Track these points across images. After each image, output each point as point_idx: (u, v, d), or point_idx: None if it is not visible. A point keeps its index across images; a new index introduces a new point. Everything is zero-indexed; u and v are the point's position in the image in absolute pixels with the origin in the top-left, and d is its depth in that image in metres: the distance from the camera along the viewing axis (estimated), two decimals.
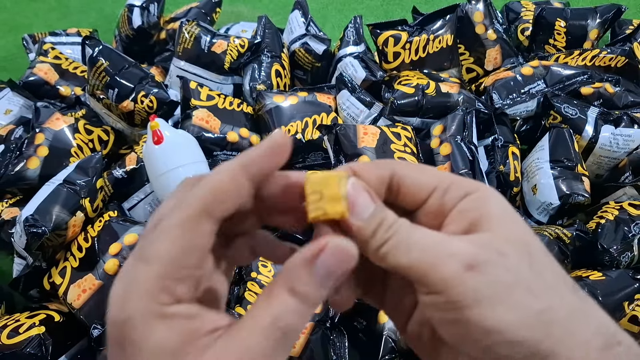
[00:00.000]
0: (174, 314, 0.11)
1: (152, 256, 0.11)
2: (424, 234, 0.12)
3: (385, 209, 0.13)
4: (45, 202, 0.43)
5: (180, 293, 0.11)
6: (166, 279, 0.11)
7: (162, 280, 0.11)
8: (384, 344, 0.37)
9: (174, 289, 0.11)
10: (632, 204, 0.45)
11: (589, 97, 0.54)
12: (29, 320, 0.39)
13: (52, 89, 0.61)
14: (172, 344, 0.11)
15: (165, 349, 0.11)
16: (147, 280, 0.11)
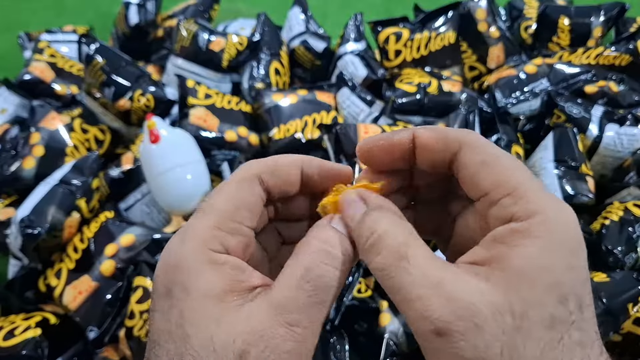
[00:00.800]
0: (224, 262, 0.12)
1: (209, 208, 0.12)
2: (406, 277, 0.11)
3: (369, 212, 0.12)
4: (41, 202, 0.42)
5: (230, 245, 0.12)
6: (219, 229, 0.12)
7: (215, 229, 0.12)
8: (385, 347, 0.37)
9: (225, 239, 0.12)
10: (637, 205, 0.45)
11: (593, 95, 0.53)
12: (24, 323, 0.39)
13: (47, 87, 0.60)
14: (218, 289, 0.11)
15: (210, 293, 0.11)
16: (202, 229, 0.12)
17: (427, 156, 0.13)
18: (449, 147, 0.12)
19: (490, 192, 0.11)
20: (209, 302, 0.11)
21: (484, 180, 0.11)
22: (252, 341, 0.11)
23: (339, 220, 0.13)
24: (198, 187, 0.44)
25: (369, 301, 0.39)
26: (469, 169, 0.12)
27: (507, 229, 0.11)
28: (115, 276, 0.40)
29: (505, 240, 0.11)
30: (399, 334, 0.38)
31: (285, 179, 0.13)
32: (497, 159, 0.11)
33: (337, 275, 0.12)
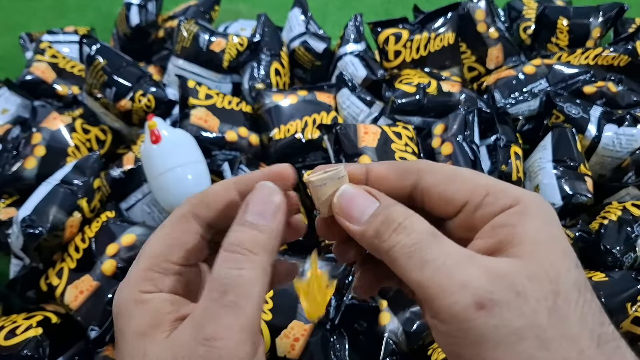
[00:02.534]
0: (150, 300, 0.12)
1: (143, 253, 0.13)
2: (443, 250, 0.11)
3: (393, 205, 0.12)
4: (43, 202, 0.42)
5: (165, 284, 0.12)
6: (150, 271, 0.12)
7: (147, 272, 0.12)
8: (385, 346, 0.37)
9: (158, 280, 0.12)
10: (635, 204, 0.45)
11: (591, 96, 0.54)
12: (26, 322, 0.39)
13: (49, 88, 0.61)
14: (143, 326, 0.12)
15: (138, 331, 0.12)
16: (134, 273, 0.13)
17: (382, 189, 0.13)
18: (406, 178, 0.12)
19: (469, 199, 0.12)
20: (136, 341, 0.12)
21: (458, 192, 0.12)
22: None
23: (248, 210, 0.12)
24: (199, 187, 0.44)
25: (368, 300, 0.39)
26: (437, 189, 0.12)
27: (505, 215, 0.11)
28: (116, 276, 0.40)
29: (508, 223, 0.11)
30: (399, 333, 0.38)
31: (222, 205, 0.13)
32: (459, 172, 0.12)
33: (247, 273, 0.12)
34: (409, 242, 0.11)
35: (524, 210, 0.11)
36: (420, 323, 0.38)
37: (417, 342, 0.38)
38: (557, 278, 0.10)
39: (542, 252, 0.11)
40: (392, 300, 0.40)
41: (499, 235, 0.11)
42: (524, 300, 0.10)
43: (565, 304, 0.10)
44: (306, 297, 0.14)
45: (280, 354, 0.36)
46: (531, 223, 0.11)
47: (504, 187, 0.12)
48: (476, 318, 0.10)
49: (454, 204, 0.12)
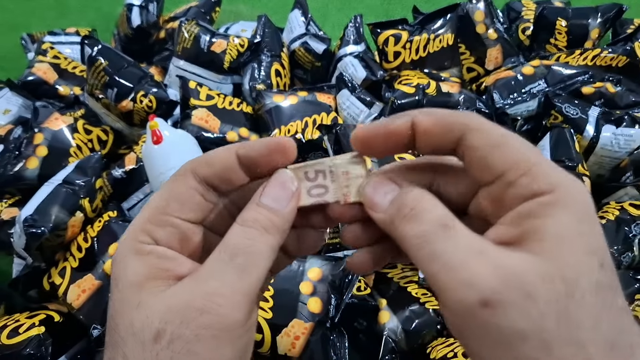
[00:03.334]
0: (149, 252, 0.12)
1: (144, 207, 0.13)
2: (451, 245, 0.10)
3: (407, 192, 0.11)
4: (45, 202, 0.43)
5: (159, 236, 0.12)
6: (148, 223, 0.12)
7: (145, 223, 0.12)
8: (384, 345, 0.37)
9: (153, 231, 0.12)
10: (633, 204, 0.45)
11: (590, 96, 0.54)
12: (28, 321, 0.39)
13: (50, 88, 0.61)
14: (140, 277, 0.12)
15: (133, 281, 0.12)
16: (134, 225, 0.13)
17: (428, 142, 0.12)
18: (451, 132, 0.11)
19: (505, 174, 0.11)
20: (131, 290, 0.12)
21: (497, 163, 0.11)
22: (169, 318, 0.11)
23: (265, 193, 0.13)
24: None
25: (368, 299, 0.39)
26: (478, 152, 0.11)
27: (534, 204, 0.10)
28: None
29: (535, 214, 0.10)
30: (398, 332, 0.38)
31: (221, 166, 0.13)
32: (506, 140, 0.11)
33: (258, 242, 0.12)
34: (418, 232, 0.11)
35: (556, 201, 0.10)
36: (419, 322, 0.38)
37: (417, 341, 0.38)
38: (573, 280, 0.10)
39: (563, 251, 0.10)
40: (392, 299, 0.40)
41: (523, 226, 0.10)
42: (533, 302, 0.09)
43: (577, 308, 0.09)
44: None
45: (281, 352, 0.36)
46: (559, 217, 0.10)
47: (546, 169, 0.10)
48: (480, 315, 0.10)
49: (490, 173, 0.11)
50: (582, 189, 0.10)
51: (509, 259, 0.10)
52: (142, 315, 0.11)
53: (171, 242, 0.13)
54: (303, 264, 0.39)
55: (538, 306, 0.09)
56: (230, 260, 0.12)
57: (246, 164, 0.13)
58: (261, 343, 0.36)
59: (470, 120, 0.11)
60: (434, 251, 0.10)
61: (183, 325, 0.11)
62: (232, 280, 0.11)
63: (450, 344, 0.37)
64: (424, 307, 0.39)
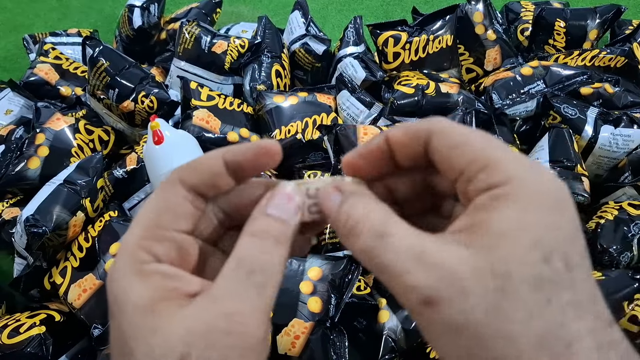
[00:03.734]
0: (151, 272, 0.12)
1: (134, 222, 0.12)
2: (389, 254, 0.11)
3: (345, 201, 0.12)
4: (46, 202, 0.43)
5: (159, 252, 0.12)
6: (144, 239, 0.12)
7: (141, 240, 0.12)
8: (384, 344, 0.37)
9: (152, 247, 0.12)
10: (632, 204, 0.45)
11: (588, 97, 0.54)
12: (29, 320, 0.40)
13: (52, 89, 0.61)
14: (145, 301, 0.11)
15: (139, 306, 0.11)
16: (128, 243, 0.12)
17: (403, 154, 0.13)
18: (418, 138, 0.12)
19: (465, 171, 0.11)
20: (142, 315, 0.11)
21: (457, 161, 0.11)
22: (192, 342, 0.11)
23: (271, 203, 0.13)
24: None
25: (368, 298, 0.39)
26: (441, 154, 0.12)
27: (486, 196, 0.11)
28: None
29: (485, 206, 0.10)
30: (398, 331, 0.38)
31: (208, 172, 0.13)
32: (467, 139, 0.11)
33: (272, 255, 0.12)
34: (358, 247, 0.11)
35: (507, 193, 0.10)
36: None
37: (416, 340, 0.38)
38: (505, 274, 0.10)
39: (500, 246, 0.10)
40: (392, 298, 0.40)
41: (475, 219, 0.11)
42: (466, 297, 0.10)
43: (509, 302, 0.10)
44: None
45: (281, 351, 0.36)
46: (507, 210, 0.10)
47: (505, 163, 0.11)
48: (425, 314, 0.10)
49: (453, 171, 0.11)
50: (544, 180, 0.10)
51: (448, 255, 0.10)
52: (161, 341, 0.11)
53: (172, 258, 0.12)
54: (303, 263, 0.39)
55: (470, 301, 0.10)
56: (248, 278, 0.11)
57: (233, 169, 0.13)
58: None
59: (434, 125, 0.12)
60: (378, 264, 0.11)
61: (209, 348, 0.11)
62: (252, 299, 0.11)
63: None
64: None
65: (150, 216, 0.12)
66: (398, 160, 0.13)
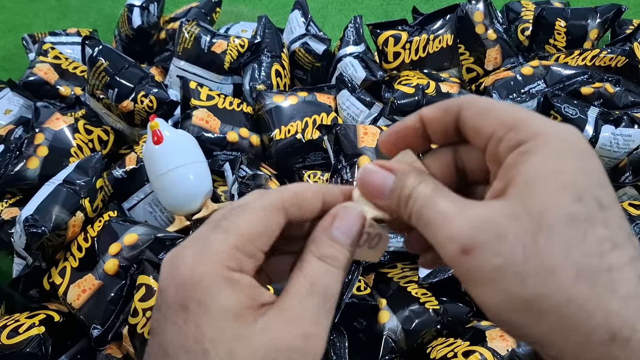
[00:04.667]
0: (239, 281, 0.12)
1: (233, 229, 0.12)
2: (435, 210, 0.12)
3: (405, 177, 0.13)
4: (45, 202, 0.43)
5: (246, 266, 0.13)
6: (239, 251, 0.12)
7: (235, 250, 0.12)
8: (384, 344, 0.37)
9: (243, 261, 0.12)
10: (632, 204, 0.45)
11: (589, 97, 0.54)
12: (28, 320, 0.39)
13: (52, 89, 0.61)
14: (236, 306, 0.12)
15: (229, 309, 0.12)
16: (222, 248, 0.12)
17: (436, 128, 0.13)
18: (449, 112, 0.13)
19: (494, 133, 0.12)
20: (227, 318, 0.12)
21: (486, 125, 0.12)
22: (273, 355, 0.12)
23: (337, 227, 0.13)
24: (200, 187, 0.44)
25: (368, 299, 0.39)
26: (470, 122, 0.12)
27: (515, 154, 0.11)
28: (118, 274, 0.41)
29: (515, 162, 0.11)
30: (398, 331, 0.38)
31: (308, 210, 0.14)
32: (492, 105, 0.12)
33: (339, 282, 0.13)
34: (415, 209, 0.12)
35: (534, 146, 0.11)
36: (419, 321, 0.38)
37: (416, 340, 0.38)
38: (540, 214, 0.10)
39: (532, 191, 0.11)
40: (392, 298, 0.40)
41: (507, 176, 0.11)
42: (503, 240, 0.10)
43: (546, 239, 0.10)
44: None
45: None
46: (533, 161, 0.11)
47: (531, 121, 0.11)
48: (463, 262, 0.11)
49: (482, 136, 0.12)
50: (569, 131, 0.11)
51: (484, 209, 0.11)
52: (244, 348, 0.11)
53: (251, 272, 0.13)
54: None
55: (508, 243, 0.10)
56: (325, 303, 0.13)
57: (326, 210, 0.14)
58: None
59: (463, 99, 0.13)
60: (427, 219, 0.12)
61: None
62: (324, 324, 0.12)
63: (450, 343, 0.37)
64: (424, 307, 0.39)
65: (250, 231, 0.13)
66: (431, 136, 0.14)
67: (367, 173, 0.13)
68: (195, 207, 0.44)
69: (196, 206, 0.44)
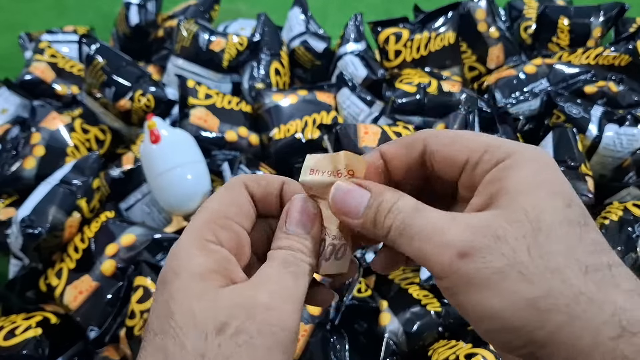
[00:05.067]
0: (214, 250, 0.13)
1: (206, 207, 0.14)
2: (425, 220, 0.12)
3: (383, 194, 0.13)
4: (42, 202, 0.42)
5: (222, 237, 0.13)
6: (211, 222, 0.13)
7: (209, 222, 0.13)
8: (385, 347, 0.37)
9: (217, 231, 0.13)
10: (636, 204, 0.45)
11: (592, 96, 0.53)
12: (25, 322, 0.39)
13: (48, 87, 0.60)
14: (204, 269, 0.12)
15: (197, 273, 0.12)
16: (197, 223, 0.13)
17: (398, 165, 0.14)
18: (413, 147, 0.13)
19: (468, 158, 0.12)
20: (194, 280, 0.12)
21: (459, 153, 0.12)
22: (235, 314, 0.12)
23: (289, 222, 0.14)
24: (198, 187, 0.44)
25: (369, 301, 0.39)
26: (440, 153, 0.13)
27: (496, 170, 0.12)
28: (115, 276, 0.40)
29: (497, 178, 0.12)
30: (399, 334, 0.38)
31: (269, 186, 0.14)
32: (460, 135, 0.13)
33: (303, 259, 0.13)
34: (397, 222, 0.12)
35: (514, 162, 0.12)
36: (420, 323, 0.38)
37: (418, 343, 0.38)
38: (538, 218, 0.11)
39: (525, 198, 0.11)
40: (393, 300, 0.40)
41: (490, 190, 0.12)
42: (504, 242, 0.10)
43: (547, 239, 0.10)
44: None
45: None
46: (518, 174, 0.11)
47: (501, 143, 0.12)
48: (461, 266, 0.11)
49: (456, 164, 0.12)
50: (537, 150, 0.12)
51: (477, 216, 0.11)
52: (205, 306, 0.12)
53: (231, 246, 0.13)
54: None
55: (509, 244, 0.11)
56: (284, 267, 0.13)
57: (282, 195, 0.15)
58: None
59: (423, 133, 0.13)
60: (412, 231, 0.12)
61: (249, 321, 0.12)
62: (288, 285, 0.13)
63: (452, 346, 0.36)
64: (425, 309, 0.39)
65: (216, 206, 0.13)
66: (392, 172, 0.14)
67: (342, 191, 0.13)
68: (193, 208, 0.44)
69: (194, 206, 0.44)
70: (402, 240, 0.12)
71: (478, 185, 0.12)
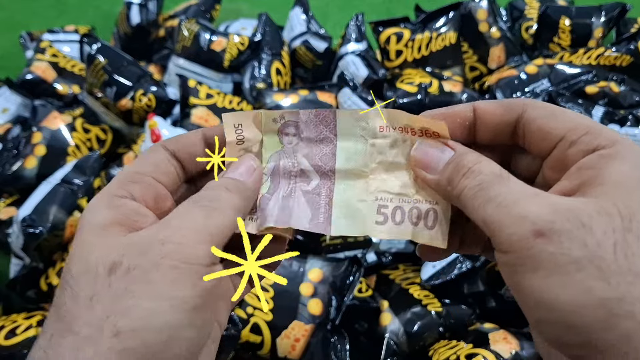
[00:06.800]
0: (121, 204, 0.12)
1: (124, 169, 0.14)
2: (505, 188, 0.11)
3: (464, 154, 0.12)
4: (43, 202, 0.42)
5: (134, 192, 0.13)
6: (126, 181, 0.13)
7: (123, 182, 0.13)
8: (386, 347, 0.37)
9: (128, 186, 0.13)
10: None
11: (594, 96, 0.53)
12: (26, 322, 0.39)
13: (49, 87, 0.60)
14: (104, 221, 0.12)
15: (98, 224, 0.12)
16: (113, 184, 0.13)
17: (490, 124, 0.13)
18: (512, 110, 0.12)
19: (566, 136, 0.11)
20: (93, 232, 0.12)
21: (557, 127, 0.12)
22: (127, 252, 0.11)
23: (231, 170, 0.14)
24: None
25: (369, 301, 0.39)
26: (538, 122, 0.12)
27: (594, 156, 0.11)
28: None
29: (595, 165, 0.11)
30: (400, 334, 0.38)
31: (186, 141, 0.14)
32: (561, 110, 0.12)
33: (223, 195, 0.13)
34: (474, 184, 0.11)
35: (615, 153, 0.11)
36: (421, 324, 0.38)
37: (418, 343, 0.38)
38: (631, 217, 0.10)
39: (621, 193, 0.10)
40: (393, 300, 0.40)
41: (583, 177, 0.11)
42: (589, 232, 0.10)
43: (636, 241, 0.10)
44: None
45: (281, 354, 0.36)
46: (618, 166, 0.11)
47: (603, 129, 0.11)
48: (534, 246, 0.10)
49: (551, 138, 0.12)
50: (637, 145, 0.11)
51: (565, 199, 0.10)
52: (98, 252, 0.11)
53: (147, 199, 0.13)
54: (303, 264, 0.39)
55: (594, 235, 0.10)
56: (194, 203, 0.12)
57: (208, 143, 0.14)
58: (261, 345, 0.35)
59: (527, 100, 0.13)
60: (488, 195, 0.11)
61: (141, 256, 0.11)
62: (196, 218, 0.12)
63: (453, 346, 0.36)
64: (426, 309, 0.38)
65: (131, 167, 0.13)
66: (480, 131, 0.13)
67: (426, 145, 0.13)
68: None
69: None
70: (474, 203, 0.11)
71: (570, 167, 0.11)
